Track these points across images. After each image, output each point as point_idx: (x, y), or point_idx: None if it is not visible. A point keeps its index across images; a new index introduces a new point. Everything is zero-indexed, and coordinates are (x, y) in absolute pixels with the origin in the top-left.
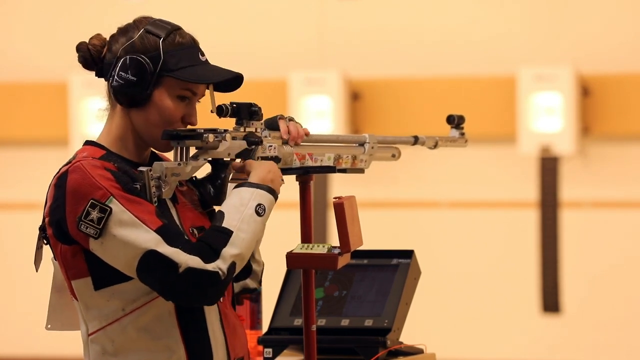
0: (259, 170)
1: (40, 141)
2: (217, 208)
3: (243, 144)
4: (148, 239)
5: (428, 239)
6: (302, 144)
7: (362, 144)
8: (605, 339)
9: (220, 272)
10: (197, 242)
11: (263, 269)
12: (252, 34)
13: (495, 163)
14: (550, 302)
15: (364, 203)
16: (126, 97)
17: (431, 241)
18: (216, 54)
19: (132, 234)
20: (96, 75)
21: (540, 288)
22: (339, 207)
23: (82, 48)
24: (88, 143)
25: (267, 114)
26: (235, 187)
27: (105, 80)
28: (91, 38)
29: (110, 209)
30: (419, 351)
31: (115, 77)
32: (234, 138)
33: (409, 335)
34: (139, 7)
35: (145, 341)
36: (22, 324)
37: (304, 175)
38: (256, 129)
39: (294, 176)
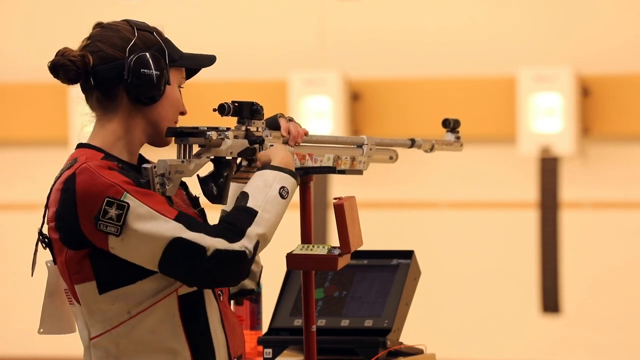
0: (279, 155)
1: (41, 141)
2: (220, 207)
3: (245, 143)
4: (170, 227)
5: (428, 239)
6: (302, 144)
7: (360, 146)
8: (605, 339)
9: (247, 250)
10: (220, 224)
11: (261, 270)
12: (253, 35)
13: (495, 163)
14: (550, 302)
15: (364, 203)
16: (150, 94)
17: (431, 241)
18: (216, 54)
19: (153, 226)
20: (83, 87)
21: (540, 288)
22: (339, 208)
23: (65, 64)
24: (82, 146)
25: (267, 115)
26: (258, 169)
27: (106, 87)
28: (64, 52)
29: (128, 204)
30: (419, 351)
31: (134, 76)
32: (236, 137)
33: (409, 335)
34: (139, 7)
35: (150, 343)
36: (22, 324)
37: (304, 175)
38: (257, 128)
39: None
